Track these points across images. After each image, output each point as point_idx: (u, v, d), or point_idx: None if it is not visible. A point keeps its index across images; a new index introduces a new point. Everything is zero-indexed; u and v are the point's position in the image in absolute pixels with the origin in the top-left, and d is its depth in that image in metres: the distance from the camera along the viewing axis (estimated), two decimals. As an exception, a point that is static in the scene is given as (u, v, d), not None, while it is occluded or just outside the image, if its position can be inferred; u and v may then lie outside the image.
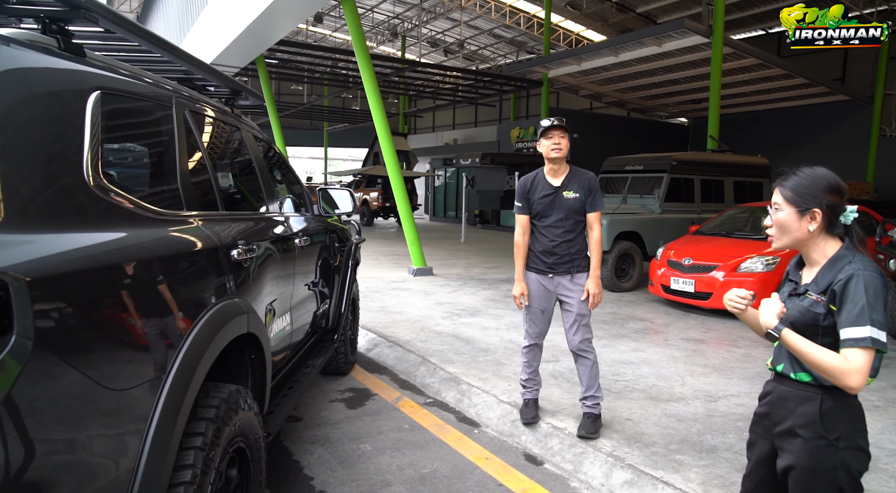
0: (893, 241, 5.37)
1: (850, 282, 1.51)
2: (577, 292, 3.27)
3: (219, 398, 1.82)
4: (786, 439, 1.64)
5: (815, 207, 1.59)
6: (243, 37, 10.55)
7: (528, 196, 3.31)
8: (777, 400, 1.68)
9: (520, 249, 3.36)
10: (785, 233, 1.64)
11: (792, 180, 1.64)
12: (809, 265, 1.67)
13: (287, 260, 2.90)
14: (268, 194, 2.96)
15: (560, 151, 3.19)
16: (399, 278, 8.93)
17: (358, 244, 4.76)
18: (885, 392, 4.15)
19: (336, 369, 4.51)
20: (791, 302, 1.65)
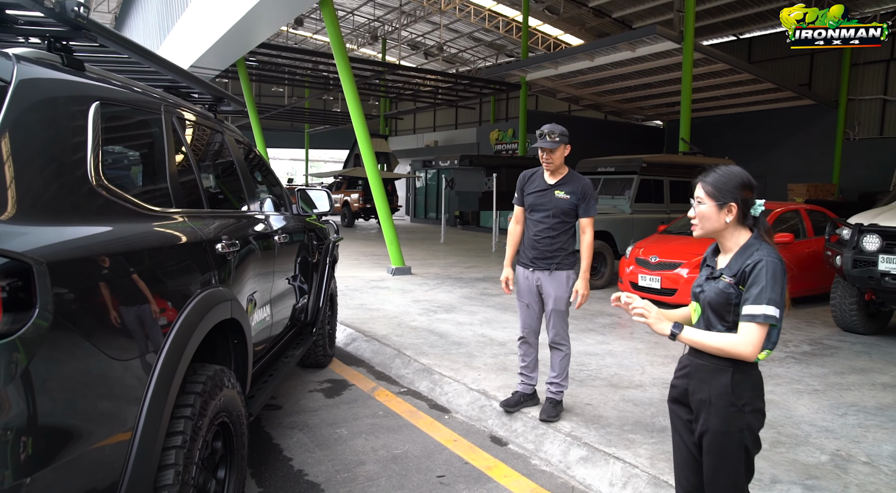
0: (842, 239, 5.71)
1: (756, 266, 1.74)
2: (553, 287, 3.42)
3: (205, 376, 2.03)
4: (701, 406, 1.84)
5: (732, 201, 1.81)
6: (224, 40, 10.67)
7: (523, 188, 3.51)
8: (694, 373, 1.87)
9: (511, 236, 3.60)
10: (705, 223, 1.85)
11: (711, 177, 1.85)
12: (724, 252, 1.89)
13: (267, 256, 3.11)
14: (249, 194, 3.16)
15: (551, 164, 3.40)
16: (378, 278, 9.14)
17: (336, 243, 4.97)
18: (826, 378, 4.47)
19: (315, 362, 4.71)
20: (708, 285, 1.86)
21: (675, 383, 1.98)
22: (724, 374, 1.79)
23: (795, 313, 7.10)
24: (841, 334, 6.02)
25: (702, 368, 1.84)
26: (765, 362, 4.96)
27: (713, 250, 1.97)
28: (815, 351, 5.30)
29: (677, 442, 1.98)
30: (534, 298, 3.51)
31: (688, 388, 1.89)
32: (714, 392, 1.80)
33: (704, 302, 1.86)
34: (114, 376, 1.53)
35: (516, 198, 3.58)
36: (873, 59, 18.11)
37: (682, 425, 1.95)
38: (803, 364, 4.85)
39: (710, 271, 1.89)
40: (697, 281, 1.93)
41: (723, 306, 1.79)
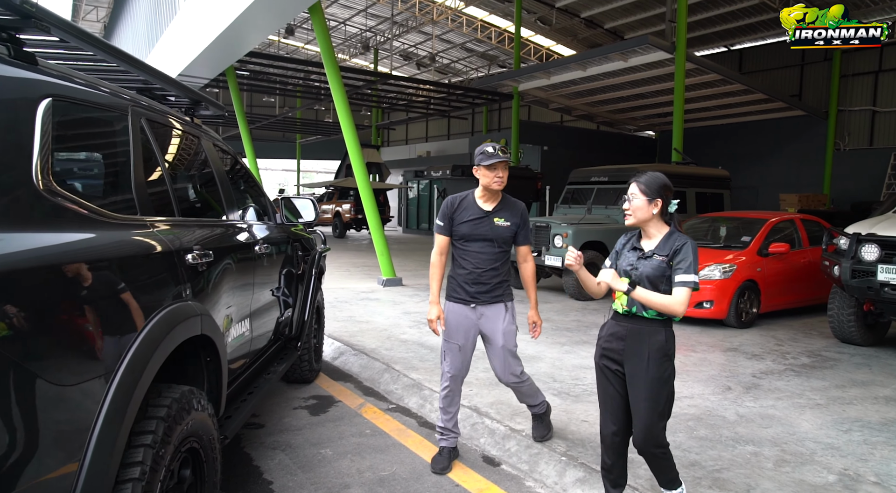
0: (839, 248, 5.61)
1: (683, 247, 2.35)
2: (502, 322, 3.08)
3: (170, 398, 1.87)
4: (639, 361, 2.37)
5: (658, 197, 2.38)
6: (212, 48, 10.55)
7: (452, 216, 3.07)
8: (630, 335, 2.41)
9: (436, 268, 3.15)
10: (638, 213, 2.41)
11: (644, 178, 2.41)
12: (648, 238, 2.45)
13: (246, 267, 2.95)
14: (228, 202, 3.01)
15: (501, 184, 3.00)
16: (368, 289, 8.97)
17: (322, 253, 4.81)
18: (827, 391, 4.34)
19: (300, 377, 4.53)
20: (642, 263, 2.39)
21: (606, 345, 2.50)
22: (658, 333, 2.38)
23: (792, 323, 6.99)
24: (839, 345, 5.90)
25: (639, 331, 2.39)
26: (764, 374, 4.83)
27: (637, 237, 2.50)
28: (815, 363, 5.17)
29: (611, 393, 2.49)
30: (470, 337, 3.09)
31: (623, 348, 2.42)
32: (653, 348, 2.36)
33: (641, 276, 2.37)
34: (57, 401, 1.36)
35: (441, 226, 3.10)
36: (862, 71, 18.22)
37: (616, 377, 2.47)
38: (803, 377, 4.71)
39: (641, 253, 2.43)
40: (627, 261, 2.45)
41: (658, 278, 2.35)
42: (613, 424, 2.49)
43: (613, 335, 2.46)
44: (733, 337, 6.17)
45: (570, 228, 8.34)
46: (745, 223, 7.60)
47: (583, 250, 8.37)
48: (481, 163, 2.97)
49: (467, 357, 3.14)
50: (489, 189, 3.02)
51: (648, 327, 2.38)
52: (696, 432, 3.50)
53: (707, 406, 3.96)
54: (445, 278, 3.22)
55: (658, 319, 2.38)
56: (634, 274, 2.39)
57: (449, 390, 3.17)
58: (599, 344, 2.54)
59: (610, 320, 2.54)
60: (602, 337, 2.53)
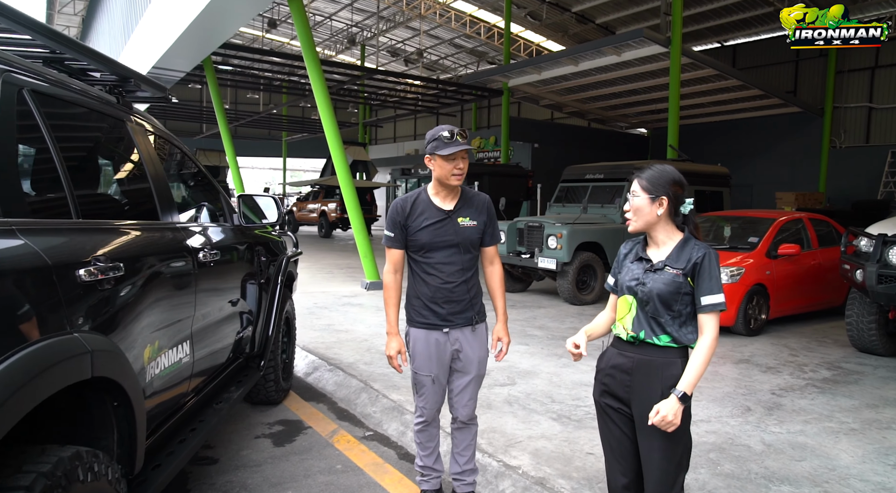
0: (858, 250, 5.17)
1: (705, 259, 1.89)
2: (477, 348, 2.54)
3: (47, 465, 1.34)
4: (651, 399, 1.87)
5: (663, 194, 1.92)
6: (187, 37, 9.95)
7: (405, 224, 2.47)
8: (638, 369, 1.92)
9: (392, 291, 2.56)
10: (639, 216, 1.95)
11: (647, 173, 1.96)
12: (655, 246, 1.99)
13: (184, 278, 2.42)
14: (163, 201, 2.47)
15: (461, 178, 2.42)
16: (351, 293, 8.43)
17: (293, 258, 4.28)
18: (859, 413, 3.87)
19: (266, 399, 4.00)
20: (651, 277, 1.92)
21: (608, 380, 2.01)
22: (673, 366, 1.90)
23: (802, 330, 6.54)
24: (858, 355, 5.46)
25: (649, 363, 1.92)
26: (784, 391, 4.36)
27: (642, 245, 2.02)
28: (837, 377, 4.71)
29: (618, 436, 2.02)
30: (444, 366, 2.53)
31: (630, 384, 1.94)
32: (667, 384, 1.88)
33: (651, 294, 1.91)
34: None
35: (392, 238, 2.50)
36: (858, 67, 17.92)
37: (621, 417, 2.00)
38: (828, 395, 4.25)
39: (649, 264, 1.95)
40: (631, 274, 1.97)
41: (672, 296, 1.89)
42: (623, 475, 2.03)
43: (617, 368, 1.99)
44: (743, 346, 5.71)
45: (564, 228, 7.86)
46: (751, 223, 7.15)
47: (578, 251, 7.90)
48: (436, 151, 2.37)
49: (443, 388, 2.61)
50: (446, 184, 2.43)
51: (661, 358, 1.91)
52: (720, 467, 3.02)
53: (728, 432, 3.48)
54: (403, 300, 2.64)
55: (673, 346, 1.92)
56: (641, 291, 1.93)
57: (425, 425, 2.66)
58: (599, 378, 2.06)
59: (610, 347, 2.06)
60: (601, 370, 2.05)
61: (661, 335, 1.91)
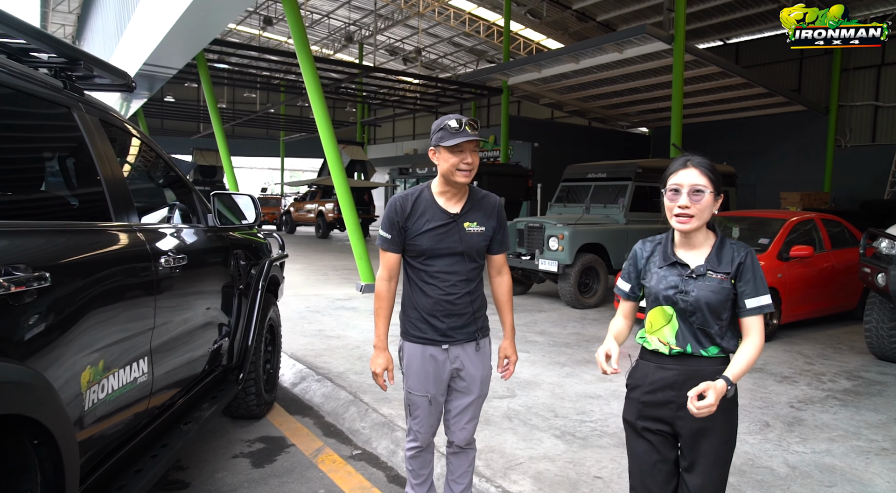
0: (879, 252, 4.89)
1: (748, 259, 1.72)
2: (480, 366, 2.25)
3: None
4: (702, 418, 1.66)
5: (720, 190, 1.74)
6: (177, 31, 9.66)
7: (404, 225, 2.18)
8: (685, 381, 1.71)
9: (383, 300, 2.26)
10: (703, 214, 1.70)
11: (706, 162, 1.72)
12: (690, 247, 1.77)
13: (140, 287, 2.14)
14: (115, 200, 2.18)
15: (469, 175, 2.12)
16: (345, 296, 8.15)
17: (276, 261, 3.99)
18: (888, 429, 3.59)
19: (246, 413, 3.71)
20: (695, 284, 1.71)
21: (649, 399, 1.78)
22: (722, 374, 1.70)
23: (815, 336, 6.26)
24: (877, 363, 5.18)
25: (697, 374, 1.71)
26: (804, 404, 4.08)
27: (665, 248, 1.81)
28: (858, 389, 4.43)
29: (653, 461, 1.80)
30: (442, 385, 2.25)
31: (674, 400, 1.73)
32: None
33: (698, 304, 1.71)
34: None
35: (388, 239, 2.21)
36: (864, 65, 17.64)
37: (661, 440, 1.79)
38: (851, 408, 3.96)
39: (688, 270, 1.75)
40: (667, 282, 1.76)
41: (722, 305, 1.72)
42: None
43: (660, 384, 1.76)
44: (755, 353, 5.42)
45: (566, 228, 7.58)
46: (761, 224, 6.86)
47: (580, 253, 7.62)
48: (442, 142, 2.08)
49: (440, 409, 2.31)
50: (453, 182, 2.13)
51: (710, 367, 1.72)
52: None
53: (747, 452, 3.20)
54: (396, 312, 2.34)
55: (720, 356, 1.74)
56: (683, 301, 1.71)
57: (418, 451, 2.35)
58: (634, 397, 1.82)
59: (642, 361, 1.83)
60: (638, 387, 1.81)
61: (709, 347, 1.73)
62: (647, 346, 1.81)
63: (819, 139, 17.84)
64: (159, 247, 2.35)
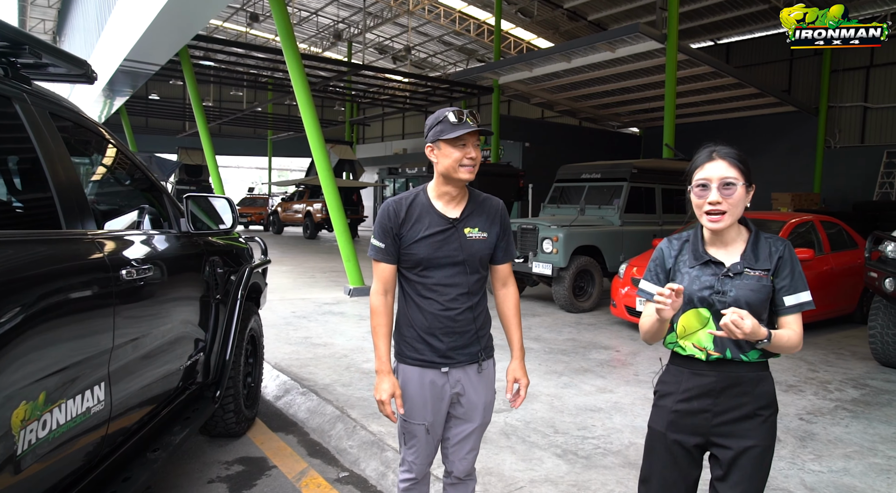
0: (885, 256, 4.73)
1: (786, 252, 1.62)
2: (483, 390, 2.03)
3: None
4: (737, 425, 1.61)
5: (753, 181, 1.62)
6: (159, 25, 9.34)
7: (398, 232, 1.94)
8: (724, 389, 1.61)
9: (381, 317, 1.98)
10: (736, 209, 1.58)
11: (734, 152, 1.61)
12: (722, 245, 1.65)
13: (95, 303, 1.89)
14: (67, 205, 1.93)
15: (473, 171, 1.91)
16: (333, 300, 7.89)
17: (258, 268, 3.74)
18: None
19: (225, 431, 3.46)
20: (730, 284, 1.60)
21: (683, 408, 1.64)
22: (765, 382, 1.64)
23: (818, 341, 6.10)
24: (882, 370, 5.02)
25: (738, 380, 1.61)
26: (813, 416, 3.89)
27: (695, 246, 1.68)
28: (867, 398, 4.26)
29: (675, 480, 1.68)
30: (441, 412, 2.01)
31: (711, 409, 1.62)
32: (760, 403, 1.62)
33: (738, 305, 1.56)
34: None
35: (383, 249, 1.96)
36: (853, 66, 17.63)
37: (690, 458, 1.67)
38: (863, 420, 3.78)
39: (723, 269, 1.62)
40: (701, 283, 1.63)
41: (763, 304, 1.60)
42: None
43: (696, 392, 1.64)
44: (757, 361, 5.25)
45: (560, 230, 7.38)
46: (759, 226, 6.66)
47: (575, 256, 7.42)
48: (442, 136, 1.86)
49: (437, 438, 2.07)
50: (455, 180, 1.91)
51: (751, 373, 1.62)
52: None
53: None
54: None
55: (761, 360, 1.63)
56: (721, 302, 1.59)
57: (413, 483, 2.10)
58: (666, 406, 1.69)
59: (673, 366, 1.71)
60: (670, 395, 1.68)
61: (749, 352, 1.61)
62: (681, 352, 1.68)
63: (809, 140, 17.82)
64: (120, 257, 2.10)
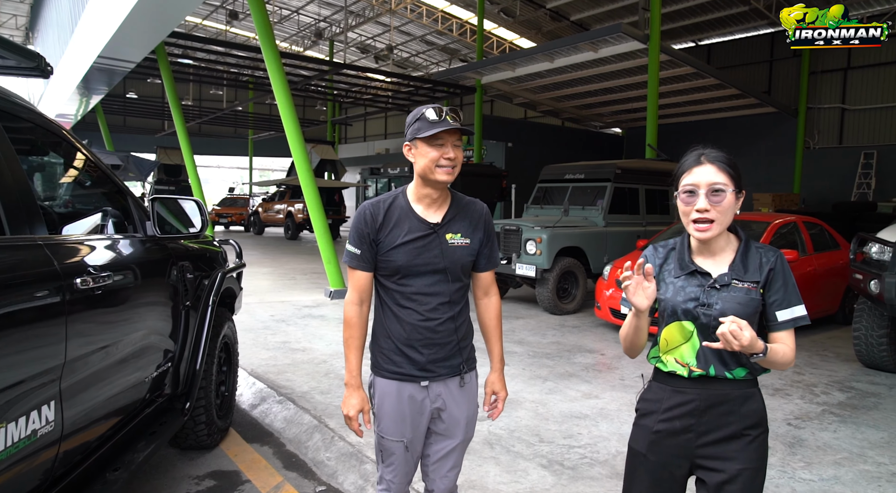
0: (869, 258, 4.71)
1: (777, 262, 1.52)
2: (465, 405, 1.91)
3: None
4: (722, 446, 1.52)
5: (743, 186, 1.53)
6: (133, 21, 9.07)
7: (375, 238, 1.82)
8: (708, 407, 1.52)
9: (354, 329, 1.86)
10: (726, 217, 1.49)
11: (724, 156, 1.53)
12: (709, 254, 1.57)
13: (44, 314, 1.74)
14: (11, 208, 1.78)
15: (452, 173, 1.78)
16: (313, 303, 7.73)
17: (232, 272, 3.58)
18: (894, 449, 3.36)
19: (196, 443, 3.30)
20: (716, 296, 1.51)
21: (665, 427, 1.55)
22: (753, 400, 1.53)
23: (801, 342, 6.08)
24: (867, 372, 5.00)
25: (723, 398, 1.51)
26: (801, 421, 3.84)
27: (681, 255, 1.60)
28: (853, 401, 4.22)
29: None
30: (420, 428, 1.89)
31: (693, 428, 1.53)
32: (748, 423, 1.51)
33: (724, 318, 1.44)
34: None
35: (359, 256, 1.83)
36: (831, 68, 17.85)
37: (669, 480, 1.58)
38: (851, 425, 3.74)
39: (709, 280, 1.53)
40: (686, 294, 1.54)
41: (751, 318, 1.48)
42: None
43: (678, 412, 1.54)
44: (742, 363, 5.21)
45: (544, 231, 7.29)
46: (742, 227, 6.66)
47: (559, 257, 7.34)
48: (419, 134, 1.74)
49: (417, 456, 1.94)
50: (433, 182, 1.78)
51: (738, 392, 1.52)
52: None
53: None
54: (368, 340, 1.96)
55: (749, 378, 1.53)
56: (706, 315, 1.51)
57: None
58: (647, 426, 1.59)
59: (655, 383, 1.61)
60: (651, 414, 1.59)
61: (736, 369, 1.52)
62: (663, 368, 1.59)
63: (789, 141, 18.01)
64: (74, 264, 1.95)
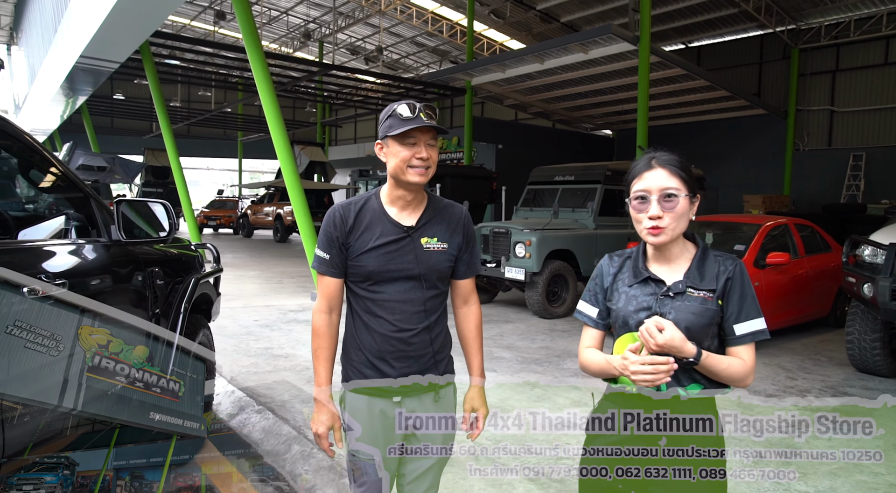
0: (862, 261, 4.64)
1: (735, 272, 1.45)
2: (442, 423, 1.79)
3: None
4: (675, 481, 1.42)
5: (697, 191, 1.46)
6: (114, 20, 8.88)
7: (345, 241, 1.72)
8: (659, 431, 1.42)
9: (323, 338, 1.76)
10: (680, 223, 1.43)
11: (675, 159, 1.45)
12: (665, 261, 1.50)
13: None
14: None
15: (425, 174, 1.67)
16: (298, 307, 7.59)
17: (207, 277, 3.45)
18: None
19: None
20: (669, 305, 1.44)
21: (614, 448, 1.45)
22: (709, 424, 1.44)
23: (793, 346, 6.03)
24: (860, 376, 4.94)
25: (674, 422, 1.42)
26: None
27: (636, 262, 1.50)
28: (847, 408, 4.13)
29: None
30: (394, 445, 1.77)
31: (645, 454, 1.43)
32: (705, 446, 1.44)
33: (681, 328, 1.38)
34: None
35: (327, 261, 1.73)
36: (820, 70, 17.92)
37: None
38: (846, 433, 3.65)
39: (663, 288, 1.45)
40: (637, 303, 1.46)
41: (705, 329, 1.44)
42: None
43: (628, 433, 1.46)
44: (734, 368, 5.13)
45: (533, 234, 7.20)
46: (734, 229, 6.61)
47: (548, 260, 7.25)
48: (390, 133, 1.63)
49: (392, 474, 1.82)
50: (405, 183, 1.68)
51: (690, 416, 1.44)
52: (747, 552, 2.34)
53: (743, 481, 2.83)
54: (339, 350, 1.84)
55: (704, 397, 1.46)
56: None
57: None
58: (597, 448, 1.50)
59: (605, 401, 1.54)
60: (600, 438, 1.49)
61: (689, 384, 1.45)
62: (611, 383, 1.51)
63: (779, 143, 18.05)
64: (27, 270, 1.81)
